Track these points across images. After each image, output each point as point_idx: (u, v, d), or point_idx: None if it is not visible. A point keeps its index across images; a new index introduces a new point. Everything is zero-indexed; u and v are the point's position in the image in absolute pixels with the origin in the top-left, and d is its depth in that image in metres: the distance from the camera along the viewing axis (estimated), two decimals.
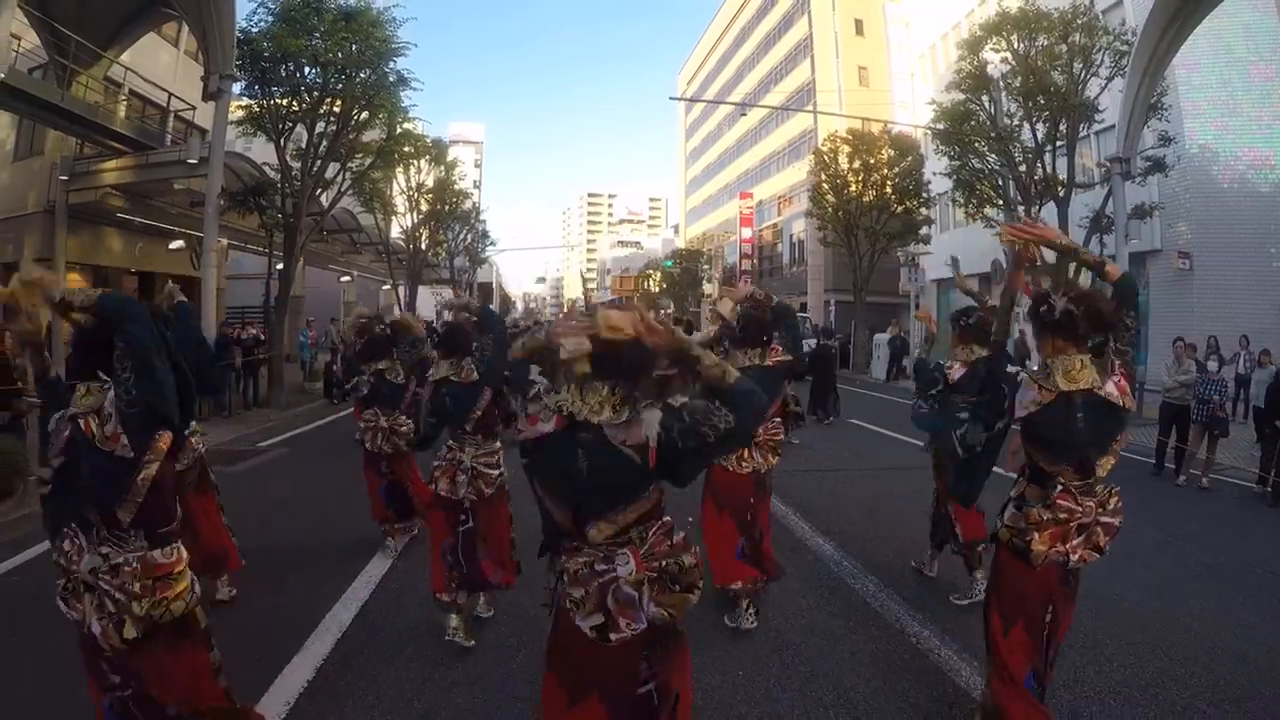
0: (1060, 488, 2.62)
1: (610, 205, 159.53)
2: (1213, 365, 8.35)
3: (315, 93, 13.54)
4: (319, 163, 14.03)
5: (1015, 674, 2.69)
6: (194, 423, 4.00)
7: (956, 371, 4.37)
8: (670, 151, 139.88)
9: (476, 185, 58.25)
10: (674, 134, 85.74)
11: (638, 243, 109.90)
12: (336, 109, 14.26)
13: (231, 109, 13.26)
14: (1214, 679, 3.60)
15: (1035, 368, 2.77)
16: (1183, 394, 8.58)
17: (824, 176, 23.76)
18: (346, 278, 27.67)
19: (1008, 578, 2.76)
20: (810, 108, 37.06)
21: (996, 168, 15.85)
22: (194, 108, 14.85)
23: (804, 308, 36.03)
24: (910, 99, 33.83)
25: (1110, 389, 2.59)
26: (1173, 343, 8.90)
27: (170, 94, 15.34)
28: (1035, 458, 2.71)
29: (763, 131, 50.28)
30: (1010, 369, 3.00)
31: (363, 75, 13.83)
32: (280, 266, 14.91)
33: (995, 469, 2.85)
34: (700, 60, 69.33)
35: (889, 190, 22.54)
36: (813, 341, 23.22)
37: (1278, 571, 5.45)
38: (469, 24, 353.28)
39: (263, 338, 13.36)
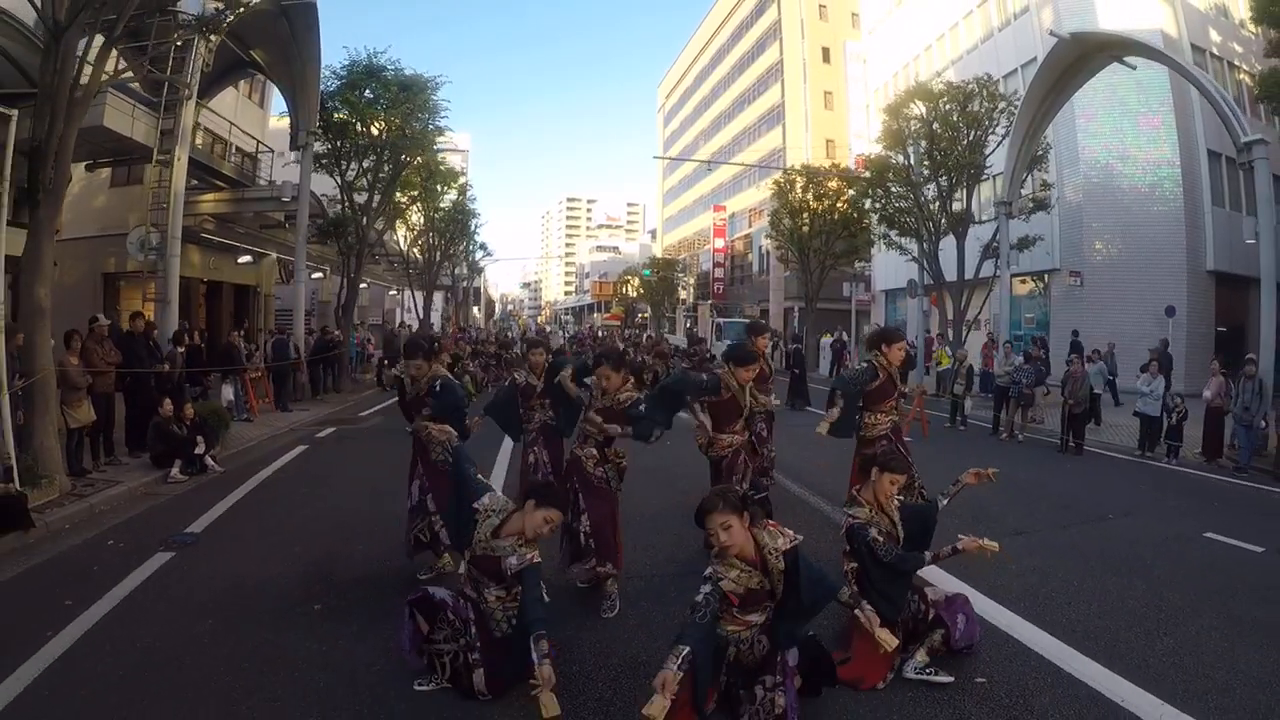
0: None
1: (589, 210, 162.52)
2: (1020, 359, 12.32)
3: (378, 147, 17.16)
4: (376, 198, 17.66)
5: None
6: None
7: None
8: (648, 159, 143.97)
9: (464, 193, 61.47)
10: (653, 144, 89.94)
11: (616, 248, 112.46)
12: (387, 154, 17.88)
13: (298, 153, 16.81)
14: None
15: None
16: (1007, 379, 12.55)
17: (782, 204, 27.79)
18: (363, 285, 31.07)
19: None
20: (779, 163, 40.91)
21: (910, 208, 19.88)
22: (275, 151, 18.36)
23: (764, 314, 40.24)
24: (866, 130, 37.82)
25: None
26: (1003, 343, 12.89)
27: (259, 141, 18.85)
28: None
29: (735, 149, 54.27)
30: None
31: (414, 125, 17.50)
32: (317, 275, 18.43)
33: None
34: (678, 77, 73.22)
35: (836, 217, 26.55)
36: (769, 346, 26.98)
37: (1026, 480, 9.24)
38: (453, 31, 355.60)
39: (341, 339, 16.99)
